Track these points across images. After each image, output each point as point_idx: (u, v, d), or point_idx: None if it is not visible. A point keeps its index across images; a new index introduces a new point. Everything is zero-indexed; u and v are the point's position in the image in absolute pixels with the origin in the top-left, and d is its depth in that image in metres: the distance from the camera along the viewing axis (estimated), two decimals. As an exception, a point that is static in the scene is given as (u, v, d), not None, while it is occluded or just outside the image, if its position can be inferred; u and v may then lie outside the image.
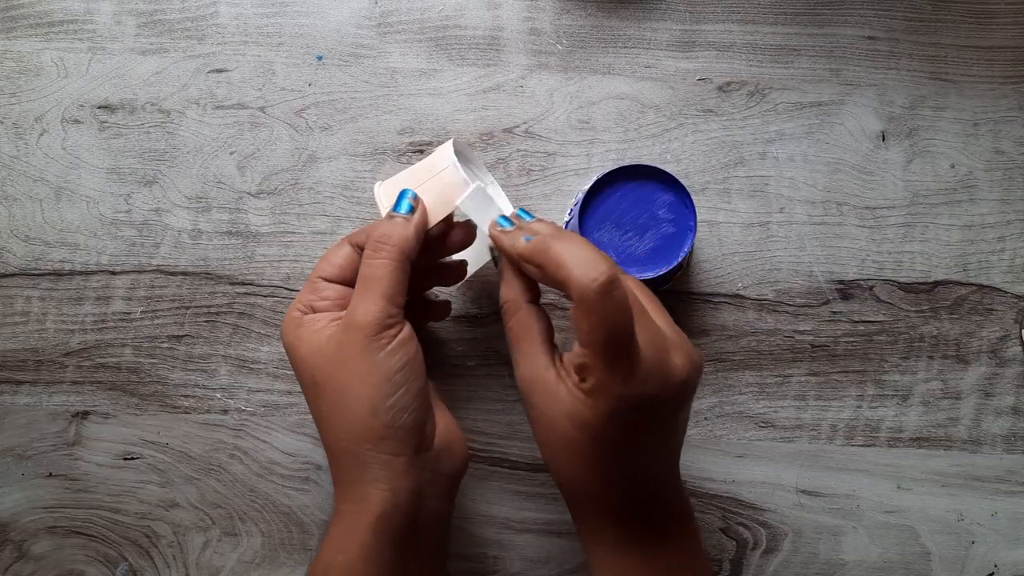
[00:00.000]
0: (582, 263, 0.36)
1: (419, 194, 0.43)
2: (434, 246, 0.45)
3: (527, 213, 0.43)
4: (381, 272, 0.40)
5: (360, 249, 0.43)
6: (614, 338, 0.36)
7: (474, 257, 0.48)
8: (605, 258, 0.37)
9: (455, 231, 0.45)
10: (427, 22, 0.52)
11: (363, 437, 0.39)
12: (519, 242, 0.40)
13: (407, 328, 0.41)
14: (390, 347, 0.39)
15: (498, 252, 0.43)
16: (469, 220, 0.44)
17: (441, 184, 0.43)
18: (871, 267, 0.52)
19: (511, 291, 0.42)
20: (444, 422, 0.43)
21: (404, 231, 0.41)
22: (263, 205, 0.52)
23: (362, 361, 0.39)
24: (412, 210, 0.42)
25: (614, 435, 0.37)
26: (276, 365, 0.52)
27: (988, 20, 0.53)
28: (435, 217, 0.43)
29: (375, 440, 0.39)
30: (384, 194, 0.45)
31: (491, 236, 0.42)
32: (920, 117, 0.52)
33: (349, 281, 0.43)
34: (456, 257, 0.47)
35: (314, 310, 0.42)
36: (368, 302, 0.39)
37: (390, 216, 0.42)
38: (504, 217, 0.42)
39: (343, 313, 0.41)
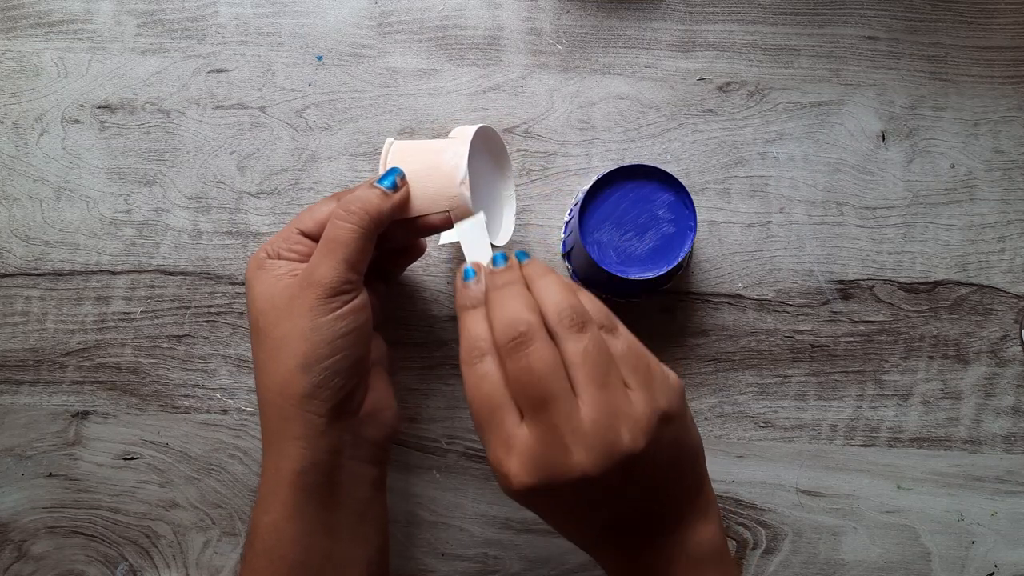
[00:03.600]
0: (497, 324, 0.36)
1: (418, 181, 0.43)
2: (407, 232, 0.44)
3: (524, 255, 0.39)
4: (347, 237, 0.40)
5: None
6: (476, 418, 0.36)
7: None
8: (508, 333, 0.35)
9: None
10: (427, 22, 0.52)
11: (290, 392, 0.40)
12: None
13: (362, 296, 0.41)
14: (340, 311, 0.40)
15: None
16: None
17: (444, 186, 0.43)
18: (871, 267, 0.52)
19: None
20: (378, 391, 0.43)
21: (380, 204, 0.41)
22: (263, 205, 0.52)
23: (308, 318, 0.39)
24: (396, 188, 0.42)
25: (536, 507, 0.37)
26: (276, 365, 0.52)
27: (988, 20, 0.53)
28: (422, 210, 0.43)
29: (300, 397, 0.39)
30: (393, 153, 0.44)
31: (455, 288, 0.40)
32: (920, 117, 0.52)
33: None
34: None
35: (280, 257, 0.42)
36: (328, 264, 0.40)
37: (371, 185, 0.42)
38: (470, 268, 0.39)
39: (304, 267, 0.41)
